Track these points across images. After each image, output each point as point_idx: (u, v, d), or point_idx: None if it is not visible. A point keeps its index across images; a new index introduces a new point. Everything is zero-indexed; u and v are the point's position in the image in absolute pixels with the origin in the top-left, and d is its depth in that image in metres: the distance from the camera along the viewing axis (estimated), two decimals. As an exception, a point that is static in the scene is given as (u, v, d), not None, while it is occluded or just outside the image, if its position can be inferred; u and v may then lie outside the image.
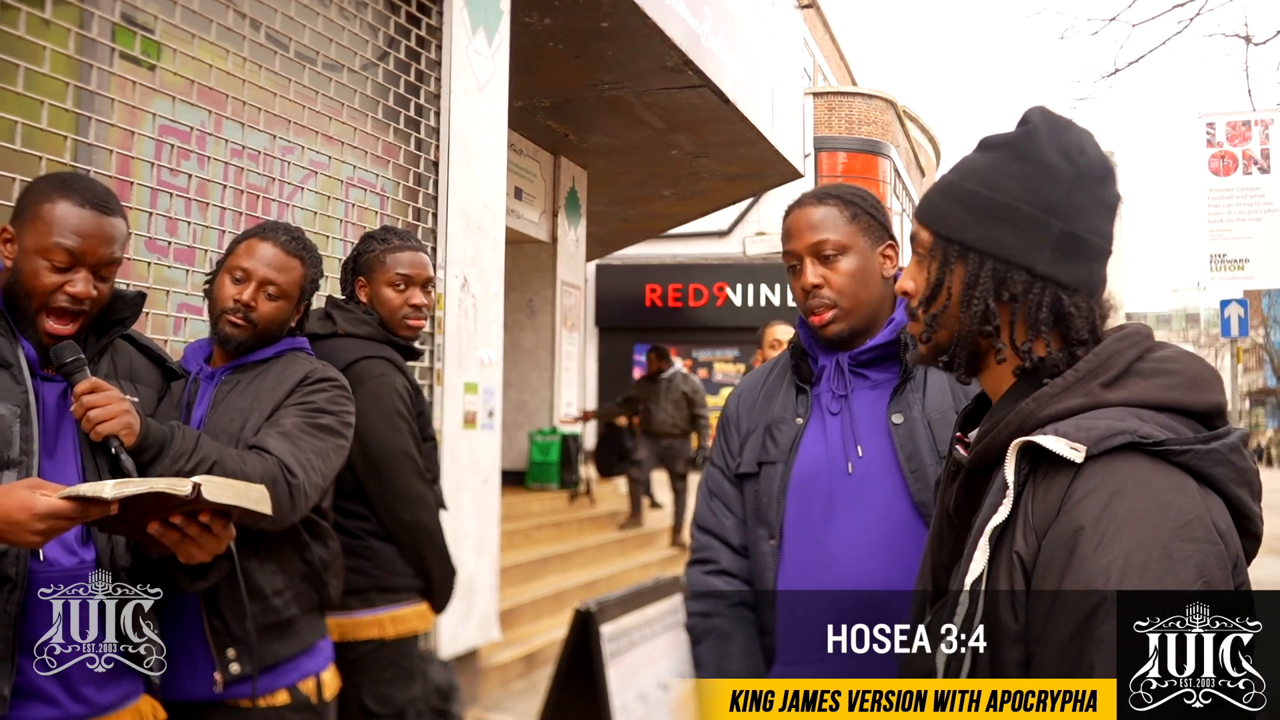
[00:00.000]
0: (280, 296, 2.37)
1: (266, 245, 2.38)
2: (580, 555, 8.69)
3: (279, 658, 2.29)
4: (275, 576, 2.30)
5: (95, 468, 1.98)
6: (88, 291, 1.96)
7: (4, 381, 1.89)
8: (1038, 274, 1.32)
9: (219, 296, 2.37)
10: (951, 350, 1.38)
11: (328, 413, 2.33)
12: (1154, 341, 1.32)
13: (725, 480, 2.15)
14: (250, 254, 2.37)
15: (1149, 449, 1.18)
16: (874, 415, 2.02)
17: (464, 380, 5.45)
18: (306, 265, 2.43)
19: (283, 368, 2.37)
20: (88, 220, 1.96)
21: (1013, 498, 1.22)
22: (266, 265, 2.36)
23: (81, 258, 1.94)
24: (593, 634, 3.83)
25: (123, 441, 1.96)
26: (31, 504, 1.69)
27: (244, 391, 2.33)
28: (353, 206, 4.81)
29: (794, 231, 2.08)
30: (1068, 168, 1.33)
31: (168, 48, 3.82)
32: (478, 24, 5.50)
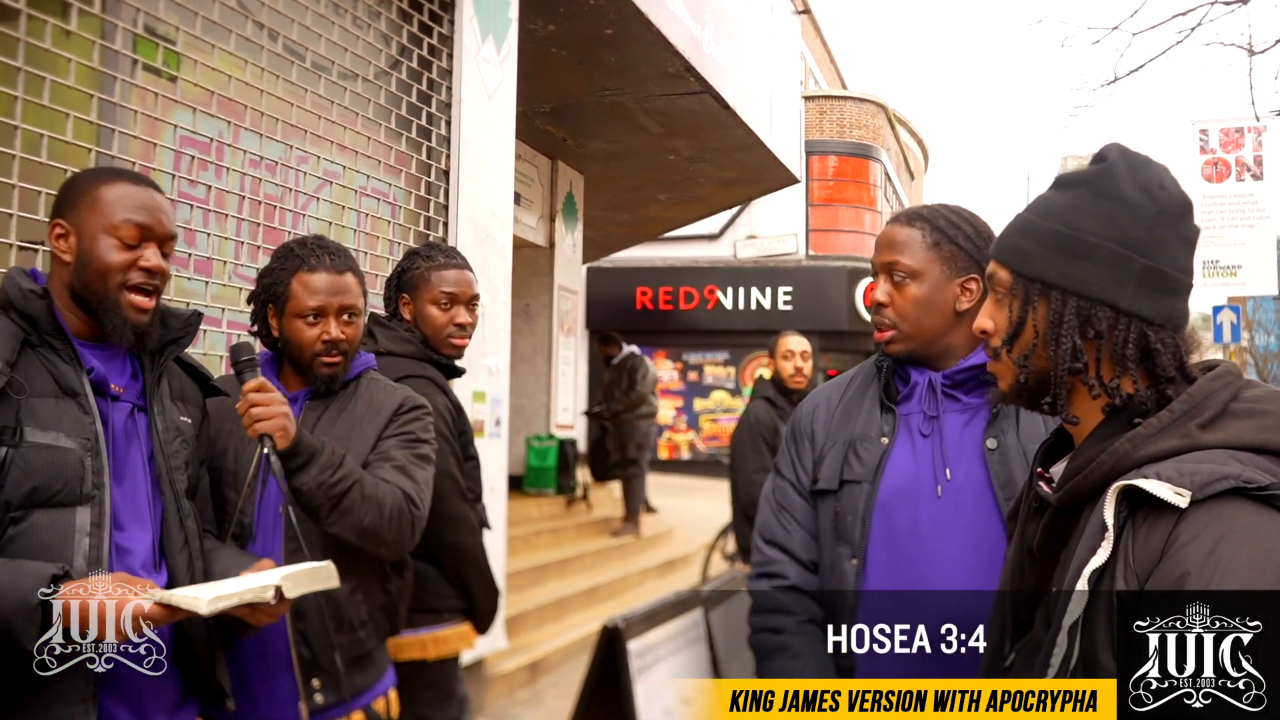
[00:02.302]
0: (356, 315, 2.39)
1: (320, 275, 2.34)
2: (580, 561, 8.68)
3: (359, 688, 2.33)
4: (361, 608, 2.33)
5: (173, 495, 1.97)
6: (160, 265, 1.96)
7: (71, 412, 1.86)
8: (1122, 310, 1.32)
9: (302, 341, 2.34)
10: (1045, 389, 1.38)
11: (424, 441, 2.38)
12: (1245, 380, 1.33)
13: (796, 494, 2.12)
14: (312, 290, 2.33)
15: (1253, 494, 1.18)
16: (964, 438, 2.00)
17: (472, 389, 5.44)
18: (357, 273, 2.43)
19: (369, 395, 2.39)
20: (146, 197, 1.97)
21: (1113, 540, 1.22)
22: (333, 295, 2.34)
23: (149, 231, 1.95)
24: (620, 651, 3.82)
25: (275, 443, 2.03)
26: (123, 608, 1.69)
27: (336, 419, 2.34)
28: (365, 216, 4.80)
29: (877, 245, 2.10)
30: (1148, 204, 1.34)
31: (188, 59, 3.81)
32: (487, 32, 5.49)
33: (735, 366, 19.62)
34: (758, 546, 2.15)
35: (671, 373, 19.74)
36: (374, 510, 2.20)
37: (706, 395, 19.86)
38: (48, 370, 1.86)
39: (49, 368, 1.86)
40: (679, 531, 11.44)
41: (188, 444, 2.08)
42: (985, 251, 2.04)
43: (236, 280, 4.04)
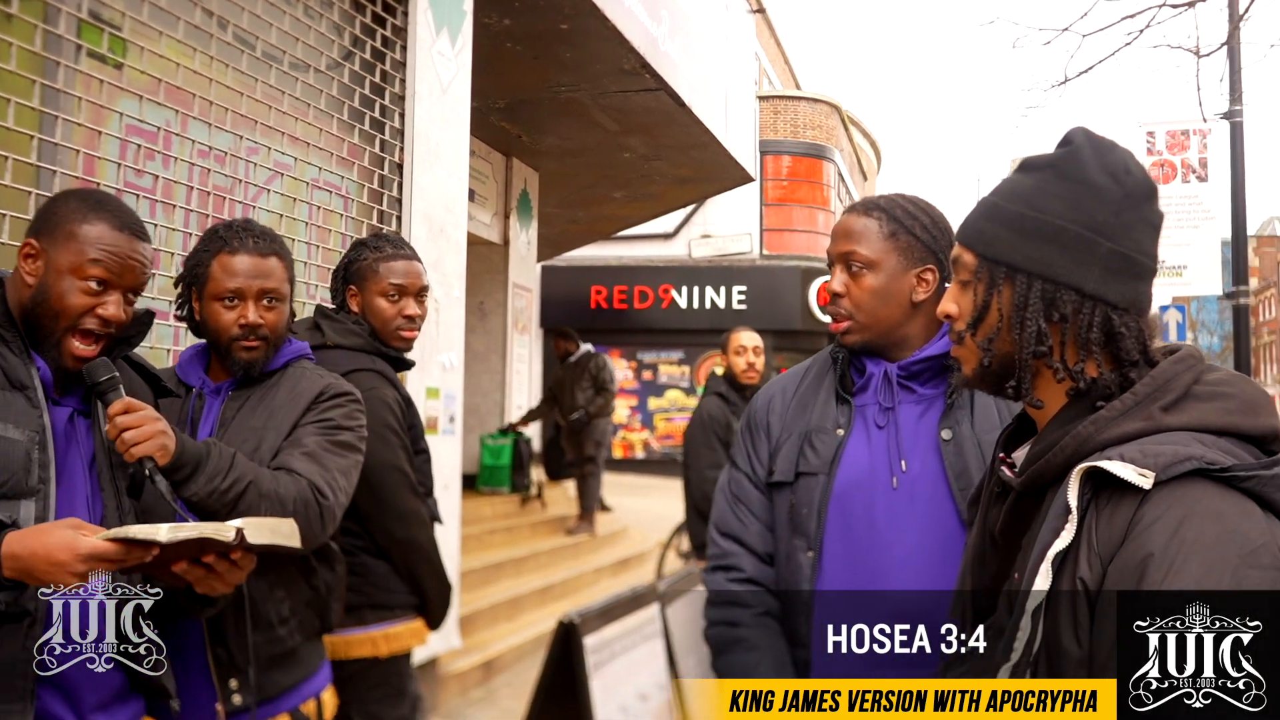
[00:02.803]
0: (279, 300, 2.29)
1: (242, 257, 2.25)
2: (534, 560, 8.63)
3: (281, 688, 2.24)
4: (283, 604, 2.25)
5: (115, 493, 1.92)
6: (119, 315, 1.91)
7: (19, 405, 1.81)
8: (1087, 294, 1.32)
9: (219, 326, 2.25)
10: (1009, 374, 1.38)
11: (346, 428, 2.28)
12: (1206, 364, 1.33)
13: (751, 486, 2.10)
14: (231, 273, 2.24)
15: (1215, 475, 1.18)
16: (919, 430, 1.99)
17: (426, 385, 5.39)
18: (284, 258, 2.33)
19: (294, 382, 2.30)
20: (123, 243, 1.90)
21: (1076, 523, 1.21)
22: (253, 277, 2.25)
23: (117, 280, 1.89)
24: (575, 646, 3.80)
25: (157, 462, 1.90)
26: (75, 545, 1.64)
27: (255, 409, 2.25)
28: (317, 209, 4.73)
29: (833, 235, 2.08)
30: (1114, 187, 1.34)
31: (134, 45, 3.72)
32: (441, 24, 5.44)
33: (690, 366, 19.65)
34: (713, 539, 2.13)
35: (626, 372, 19.73)
36: (274, 508, 2.09)
37: (661, 394, 19.88)
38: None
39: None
40: (634, 530, 11.42)
41: None
42: (942, 242, 2.04)
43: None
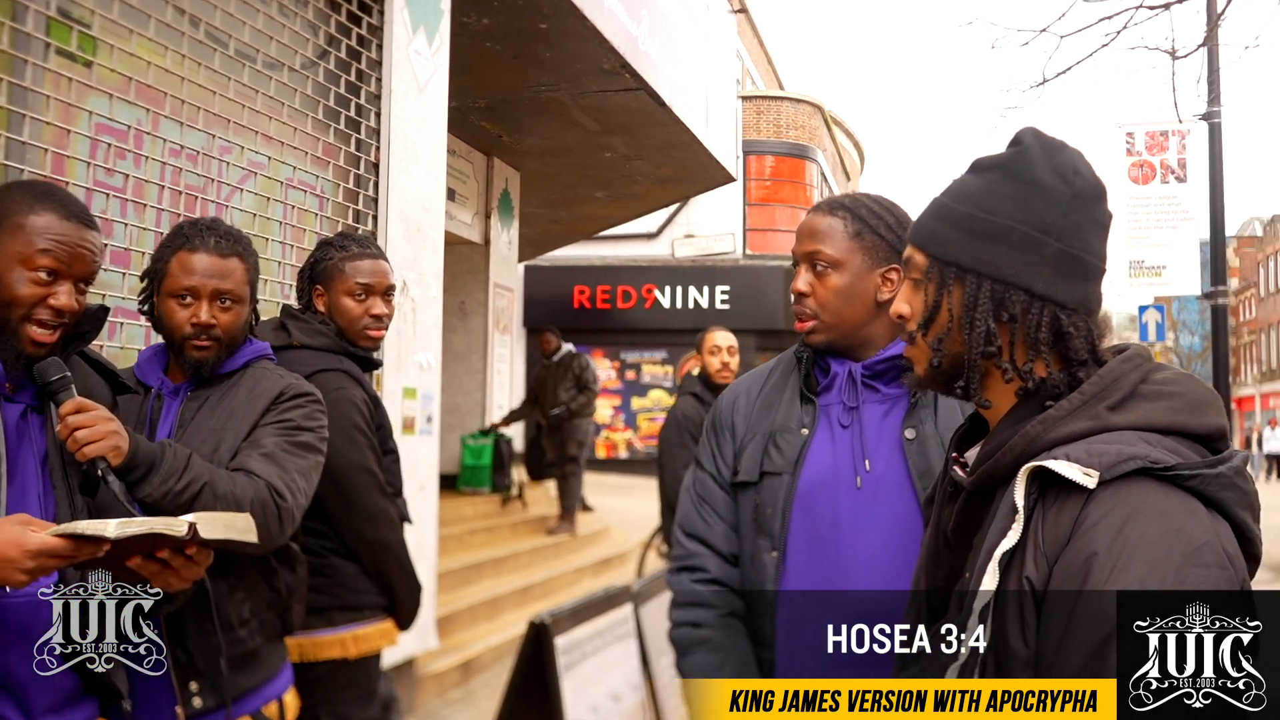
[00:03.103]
0: (235, 302, 2.26)
1: (200, 256, 2.22)
2: (514, 560, 8.62)
3: (242, 690, 2.22)
4: (243, 606, 2.23)
5: (67, 491, 1.90)
6: (71, 305, 1.89)
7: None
8: (1036, 294, 1.32)
9: (173, 324, 2.23)
10: (958, 374, 1.38)
11: (306, 429, 2.26)
12: (1155, 363, 1.33)
13: (716, 486, 2.10)
14: (188, 270, 2.22)
15: (1159, 474, 1.19)
16: (883, 429, 1.99)
17: (403, 385, 5.38)
18: (246, 259, 2.30)
19: (253, 383, 2.28)
20: (72, 232, 1.88)
21: (1023, 522, 1.22)
22: (209, 277, 2.22)
23: (67, 269, 1.87)
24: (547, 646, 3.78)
25: (110, 463, 1.89)
26: (23, 541, 1.62)
27: (215, 410, 2.23)
28: (292, 208, 4.70)
29: (798, 235, 2.08)
30: (1063, 188, 1.34)
31: (104, 44, 3.69)
32: (418, 23, 5.42)
33: (673, 366, 19.65)
34: (678, 540, 2.12)
35: (609, 372, 19.72)
36: (230, 509, 2.05)
37: (644, 394, 19.88)
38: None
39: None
40: (615, 530, 11.42)
41: None
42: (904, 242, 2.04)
43: (156, 272, 3.93)
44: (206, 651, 2.14)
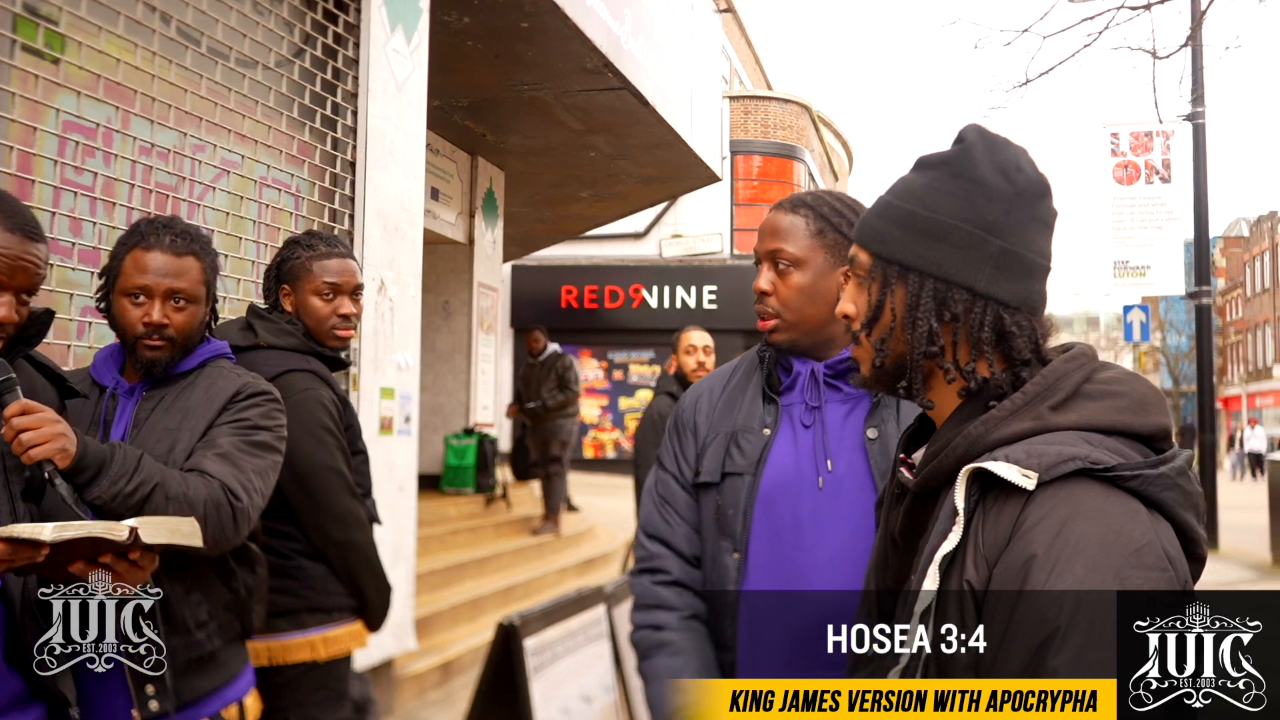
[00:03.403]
0: (189, 301, 2.22)
1: (155, 254, 2.18)
2: (497, 560, 8.59)
3: (200, 693, 2.19)
4: (200, 608, 2.19)
5: (9, 497, 1.87)
6: (10, 317, 1.86)
7: None
8: (978, 292, 1.31)
9: (125, 322, 2.19)
10: (901, 374, 1.36)
11: (263, 428, 2.23)
12: (1100, 362, 1.32)
13: (678, 487, 2.07)
14: (141, 269, 2.18)
15: (1099, 474, 1.17)
16: (846, 429, 1.97)
17: (380, 385, 5.34)
18: (203, 258, 2.25)
19: (209, 382, 2.25)
20: (14, 244, 1.85)
21: (963, 525, 1.20)
22: (163, 275, 2.18)
23: (8, 280, 1.85)
24: (515, 648, 3.74)
25: (57, 465, 1.86)
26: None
27: (170, 409, 2.20)
28: (266, 207, 4.67)
29: (760, 233, 2.06)
30: (1005, 185, 1.32)
31: (72, 40, 3.66)
32: (396, 22, 5.39)
33: (660, 365, 19.63)
34: (640, 541, 2.10)
35: (597, 371, 19.71)
36: (183, 510, 2.03)
37: (631, 394, 19.86)
38: None
39: None
40: (600, 530, 11.40)
41: None
42: None
43: (126, 271, 3.89)
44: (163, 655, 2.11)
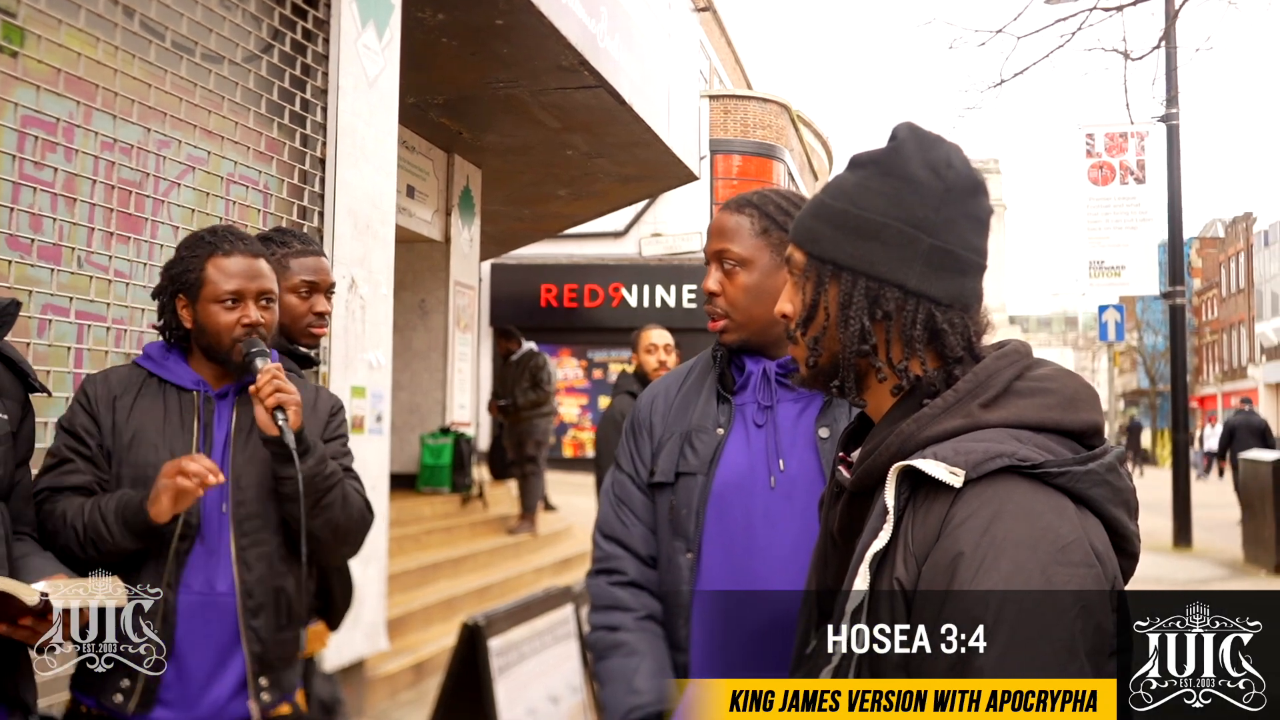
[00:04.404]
0: (273, 301, 2.32)
1: (236, 259, 2.26)
2: (472, 560, 8.56)
3: (291, 687, 2.34)
4: (303, 605, 2.35)
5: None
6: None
7: None
8: (910, 290, 1.30)
9: (218, 327, 2.24)
10: (835, 373, 1.36)
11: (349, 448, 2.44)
12: (1033, 359, 1.31)
13: (634, 487, 2.07)
14: (229, 274, 2.24)
15: (1027, 471, 1.16)
16: (798, 428, 1.97)
17: (351, 384, 5.30)
18: (270, 260, 2.35)
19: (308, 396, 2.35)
20: None
21: (893, 523, 1.20)
22: (251, 278, 2.26)
23: None
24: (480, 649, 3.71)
25: (290, 421, 2.13)
26: None
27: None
28: (234, 204, 4.63)
29: (708, 234, 2.06)
30: (935, 182, 1.32)
31: (31, 34, 3.60)
32: (367, 18, 5.35)
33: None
34: (596, 542, 2.09)
35: (576, 370, 19.67)
36: (349, 510, 2.29)
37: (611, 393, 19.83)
38: None
39: None
40: (577, 529, 11.36)
41: (2, 442, 1.97)
42: None
43: (88, 268, 3.85)
44: (280, 646, 2.26)
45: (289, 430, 2.13)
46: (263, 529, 2.23)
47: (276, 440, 2.16)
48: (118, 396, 2.23)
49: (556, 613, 3.70)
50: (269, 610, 2.22)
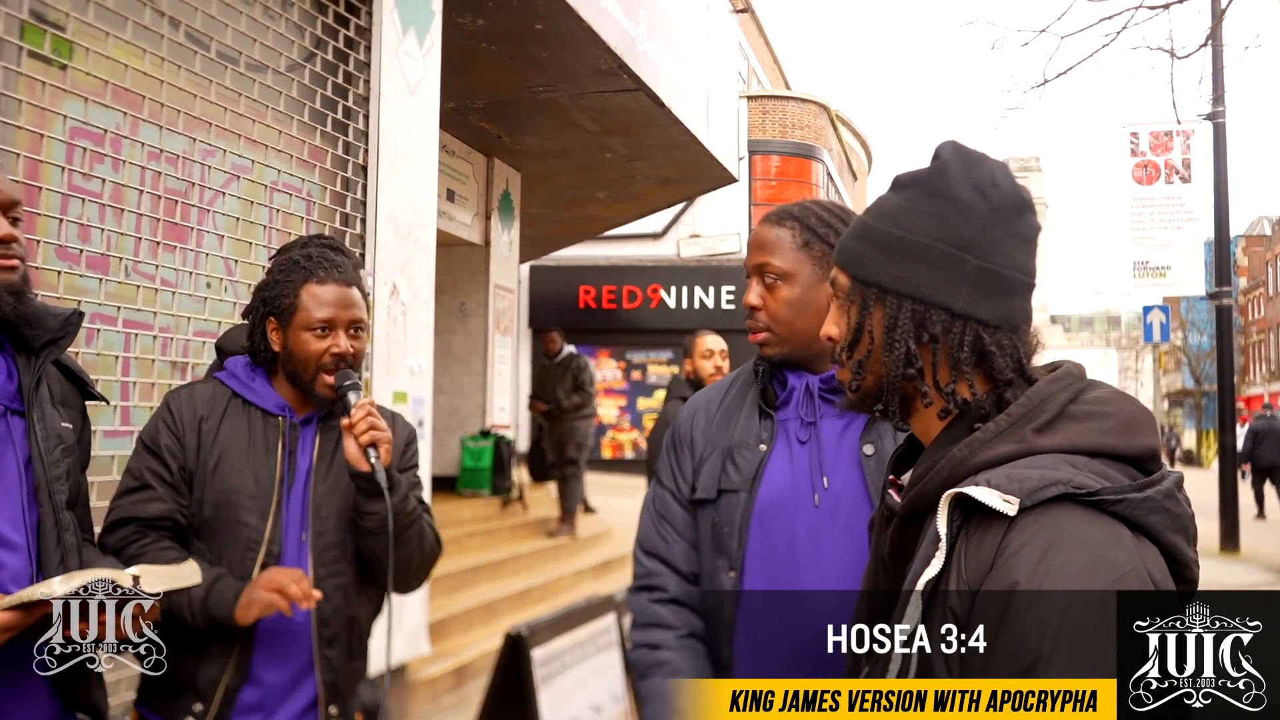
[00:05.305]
0: (363, 329, 2.31)
1: (330, 287, 2.25)
2: (513, 563, 8.58)
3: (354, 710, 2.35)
4: (368, 634, 2.36)
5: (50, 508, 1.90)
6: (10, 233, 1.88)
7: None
8: (956, 312, 1.28)
9: (306, 354, 2.23)
10: (880, 396, 1.34)
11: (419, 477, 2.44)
12: (1087, 381, 1.28)
13: (676, 503, 2.04)
14: (322, 302, 2.24)
15: (1083, 499, 1.14)
16: (842, 445, 1.94)
17: (393, 389, 5.33)
18: (363, 286, 2.36)
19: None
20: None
21: (945, 550, 1.18)
22: (344, 308, 2.25)
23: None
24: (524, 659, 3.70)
25: (380, 456, 2.14)
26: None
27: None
28: (277, 212, 4.66)
29: (749, 247, 2.05)
30: (980, 202, 1.30)
31: (80, 46, 3.65)
32: (409, 25, 5.37)
33: (679, 365, 19.58)
34: (638, 558, 2.07)
35: (615, 372, 19.69)
36: (424, 546, 2.32)
37: (650, 394, 19.83)
38: None
39: None
40: (617, 531, 11.37)
41: (69, 452, 1.99)
42: None
43: (135, 277, 3.89)
44: (350, 675, 2.27)
45: (381, 468, 2.13)
46: (340, 559, 2.23)
47: (366, 476, 2.15)
48: (204, 418, 2.22)
49: (599, 621, 3.69)
50: (343, 640, 2.23)
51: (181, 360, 4.05)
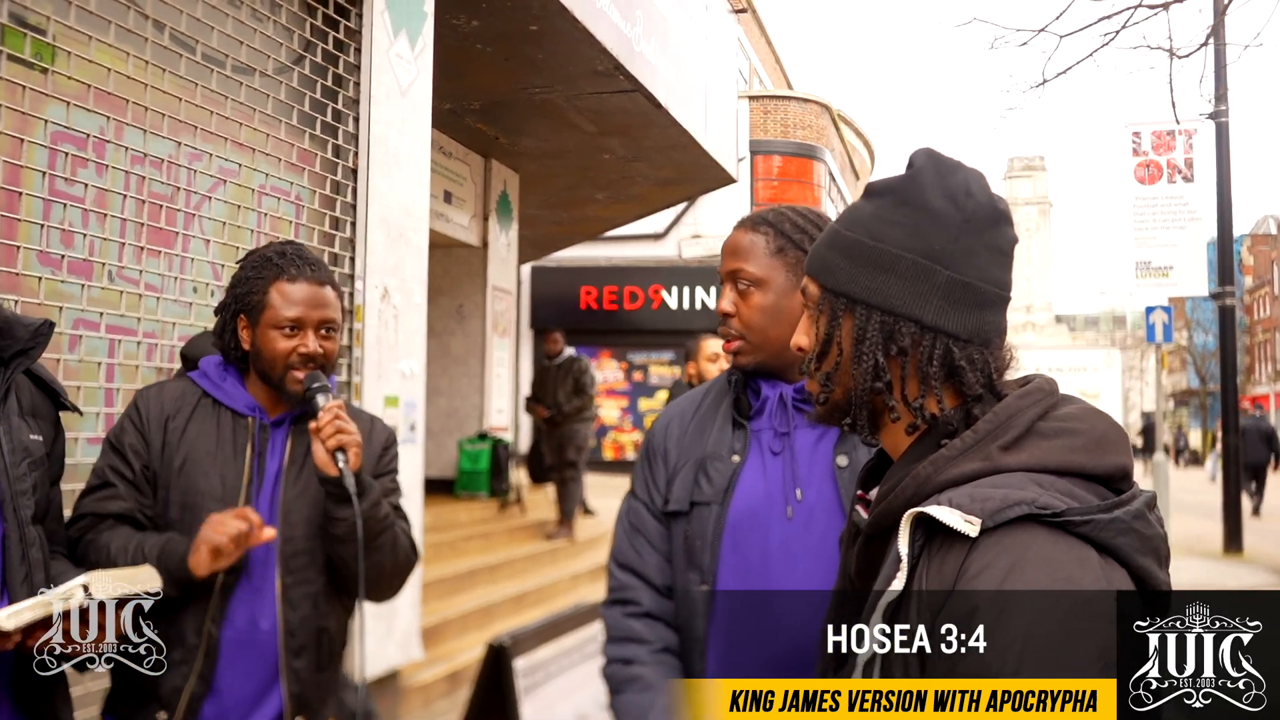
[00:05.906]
0: (335, 329, 2.26)
1: (300, 285, 2.21)
2: (509, 566, 8.54)
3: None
4: (339, 644, 2.32)
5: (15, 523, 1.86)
6: None
7: None
8: (926, 325, 1.24)
9: (274, 353, 2.19)
10: (849, 409, 1.29)
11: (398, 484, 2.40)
12: (1059, 397, 1.24)
13: (649, 515, 2.00)
14: (291, 301, 2.20)
15: (1048, 520, 1.10)
16: (816, 456, 1.90)
17: (384, 394, 5.30)
18: (336, 286, 2.31)
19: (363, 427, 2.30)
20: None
21: (906, 571, 1.14)
22: (313, 307, 2.21)
23: None
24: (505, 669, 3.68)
25: (349, 460, 2.09)
26: None
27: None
28: (265, 216, 4.63)
29: (722, 253, 1.99)
30: (954, 212, 1.25)
31: (61, 50, 3.62)
32: (400, 26, 5.34)
33: (680, 366, 19.55)
34: (611, 571, 2.03)
35: (617, 372, 19.66)
36: (397, 554, 2.25)
37: (652, 395, 19.80)
38: None
39: None
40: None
41: (36, 465, 1.95)
42: None
43: (119, 283, 3.86)
44: (319, 687, 2.23)
45: (349, 473, 2.09)
46: (309, 567, 2.19)
47: (335, 481, 2.11)
48: (170, 416, 2.19)
49: (584, 630, 3.66)
50: (310, 651, 2.18)
51: (166, 366, 4.02)
